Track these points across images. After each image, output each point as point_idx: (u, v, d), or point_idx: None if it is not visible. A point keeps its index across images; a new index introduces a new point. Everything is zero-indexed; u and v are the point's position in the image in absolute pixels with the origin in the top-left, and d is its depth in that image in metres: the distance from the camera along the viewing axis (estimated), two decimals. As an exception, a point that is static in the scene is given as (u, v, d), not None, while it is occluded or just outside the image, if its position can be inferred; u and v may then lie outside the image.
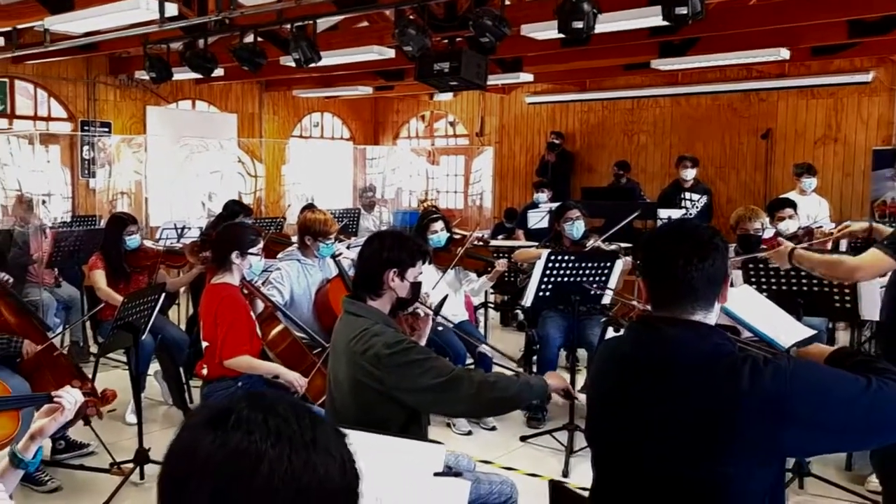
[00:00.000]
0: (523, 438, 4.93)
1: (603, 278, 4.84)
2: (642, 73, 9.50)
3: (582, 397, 2.57)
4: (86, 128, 10.56)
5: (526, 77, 9.33)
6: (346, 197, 12.77)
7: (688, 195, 8.35)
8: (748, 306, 3.05)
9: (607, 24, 5.96)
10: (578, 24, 5.54)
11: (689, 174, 8.37)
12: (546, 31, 6.34)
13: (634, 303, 4.17)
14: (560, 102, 11.57)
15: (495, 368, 4.98)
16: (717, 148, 10.34)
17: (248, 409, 1.01)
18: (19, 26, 7.47)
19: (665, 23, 5.72)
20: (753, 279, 4.38)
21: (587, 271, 4.78)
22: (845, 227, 3.85)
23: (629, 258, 5.26)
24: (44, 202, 8.50)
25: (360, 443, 1.12)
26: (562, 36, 6.24)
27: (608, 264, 4.85)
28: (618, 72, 9.67)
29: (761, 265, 4.40)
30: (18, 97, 10.31)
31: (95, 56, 9.81)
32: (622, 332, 2.26)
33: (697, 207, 8.31)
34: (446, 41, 7.04)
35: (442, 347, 4.87)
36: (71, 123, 10.62)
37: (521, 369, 5.23)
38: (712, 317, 1.97)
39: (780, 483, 1.94)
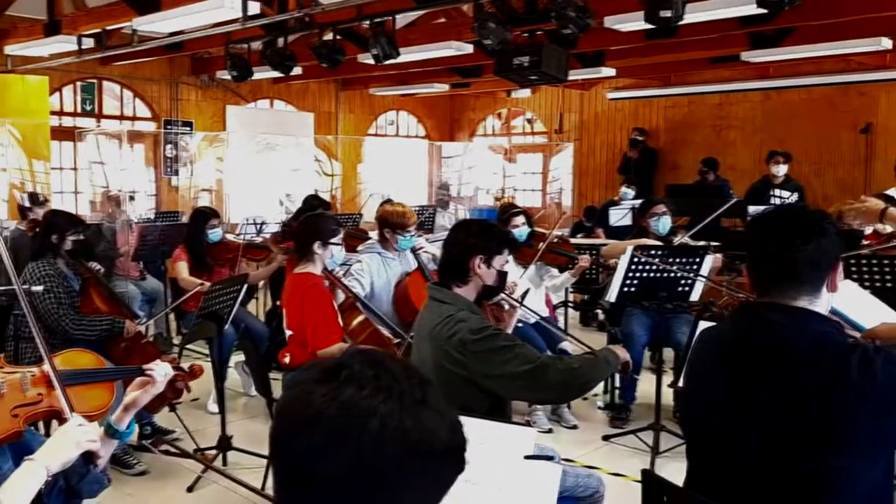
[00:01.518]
0: (606, 438, 4.80)
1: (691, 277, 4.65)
2: (731, 65, 9.20)
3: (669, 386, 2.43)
4: (168, 127, 10.84)
5: (608, 72, 9.17)
6: (422, 194, 12.80)
7: (777, 192, 8.03)
8: (852, 303, 2.87)
9: (696, 13, 5.75)
10: (667, 14, 5.39)
11: (781, 170, 8.06)
12: (631, 21, 6.17)
13: (741, 295, 3.97)
14: (643, 98, 11.31)
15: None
16: (813, 143, 9.92)
17: (360, 365, 1.02)
18: (108, 28, 7.68)
19: (759, 11, 5.50)
20: (855, 275, 4.15)
21: (675, 267, 4.59)
22: None
23: (719, 255, 5.05)
24: (131, 198, 8.74)
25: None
26: (647, 27, 6.09)
27: (697, 259, 4.66)
28: (704, 65, 9.40)
29: (864, 261, 4.18)
30: (105, 98, 10.66)
31: (178, 57, 10.07)
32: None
33: None
34: (526, 35, 6.94)
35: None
36: (155, 123, 10.92)
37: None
38: (819, 305, 1.86)
39: (888, 482, 1.84)
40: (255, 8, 6.19)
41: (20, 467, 1.73)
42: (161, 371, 2.05)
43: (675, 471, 2.21)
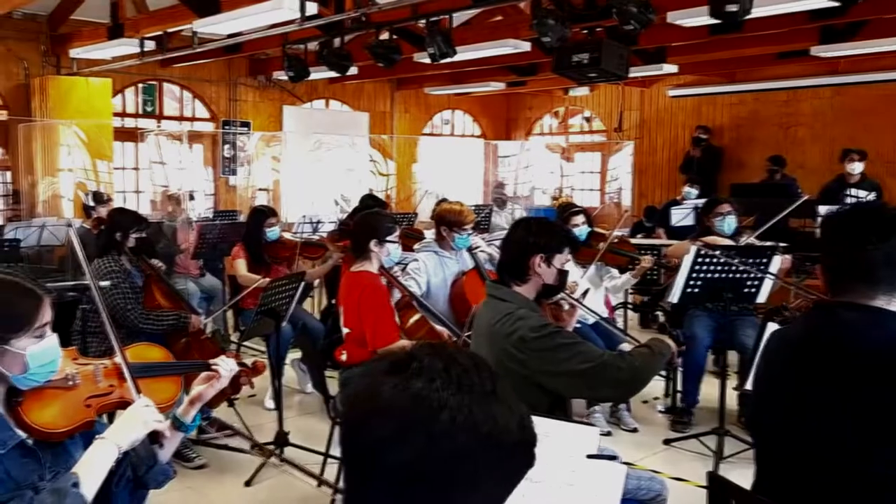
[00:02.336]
0: (667, 442, 4.71)
1: (759, 275, 4.49)
2: (799, 61, 8.91)
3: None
4: (226, 127, 11.01)
5: (670, 68, 8.97)
6: (478, 193, 12.74)
7: (853, 191, 7.74)
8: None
9: (764, 7, 5.58)
10: (733, 8, 5.24)
11: (857, 168, 7.79)
12: (695, 17, 6.02)
13: (812, 296, 3.82)
14: (706, 95, 11.09)
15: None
16: (887, 141, 9.54)
17: (429, 358, 1.02)
18: (169, 30, 7.81)
19: (830, 3, 5.31)
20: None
21: (741, 267, 4.44)
22: None
23: (788, 256, 4.87)
24: (191, 197, 8.89)
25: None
26: (711, 22, 5.93)
27: (764, 260, 4.50)
28: (771, 60, 9.12)
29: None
30: (166, 99, 10.87)
31: (236, 58, 10.22)
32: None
33: None
34: (585, 31, 6.83)
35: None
36: (213, 123, 11.10)
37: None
38: None
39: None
40: (312, 8, 6.21)
41: (92, 446, 1.81)
42: (226, 366, 2.10)
43: (739, 477, 2.15)
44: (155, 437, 1.91)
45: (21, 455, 1.75)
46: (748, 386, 2.96)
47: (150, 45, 8.11)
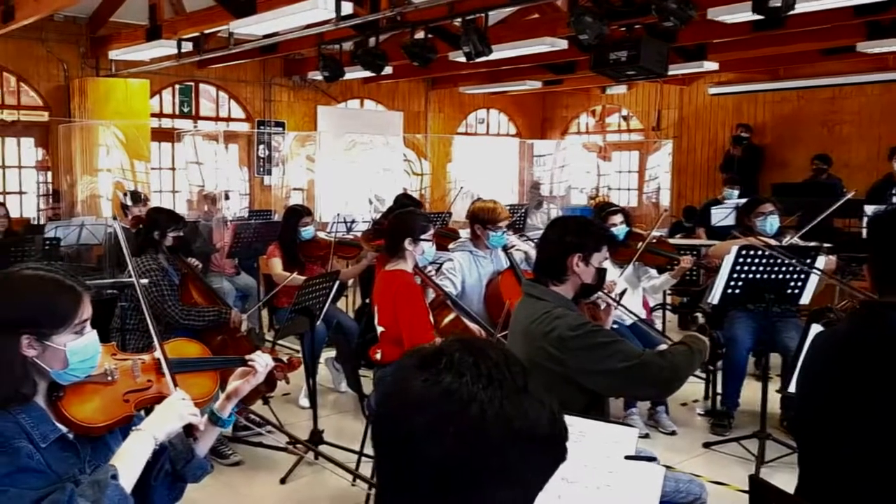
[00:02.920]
0: (706, 445, 4.63)
1: (802, 276, 4.38)
2: (844, 57, 8.71)
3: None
4: (261, 127, 11.09)
5: (710, 66, 8.83)
6: (513, 193, 12.67)
7: None
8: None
9: (808, 2, 5.46)
10: (776, 3, 5.14)
11: None
12: (737, 13, 5.90)
13: (860, 296, 3.70)
14: (747, 92, 10.89)
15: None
16: (937, 140, 9.30)
17: (460, 353, 1.02)
18: (206, 31, 7.87)
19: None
20: None
21: (784, 268, 4.33)
22: None
23: (833, 257, 4.75)
24: (227, 197, 8.96)
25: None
26: (753, 18, 5.82)
27: (808, 261, 4.38)
28: (815, 57, 8.92)
29: None
30: (202, 99, 10.98)
31: (271, 59, 10.28)
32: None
33: None
34: (623, 29, 6.74)
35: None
36: (248, 123, 11.18)
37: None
38: None
39: None
40: (347, 8, 6.21)
41: (129, 437, 1.84)
42: (262, 361, 2.10)
43: (781, 482, 2.09)
44: (189, 431, 1.93)
45: (61, 449, 1.76)
46: (791, 388, 2.89)
47: (187, 47, 8.19)
